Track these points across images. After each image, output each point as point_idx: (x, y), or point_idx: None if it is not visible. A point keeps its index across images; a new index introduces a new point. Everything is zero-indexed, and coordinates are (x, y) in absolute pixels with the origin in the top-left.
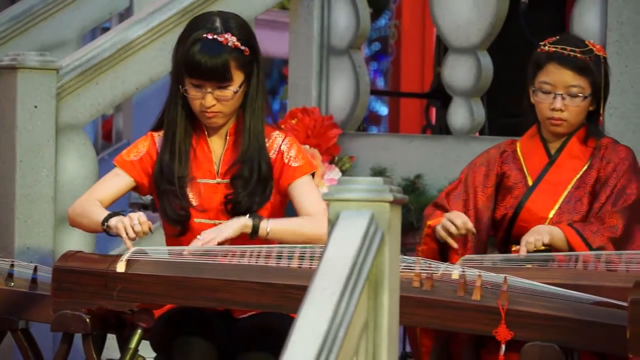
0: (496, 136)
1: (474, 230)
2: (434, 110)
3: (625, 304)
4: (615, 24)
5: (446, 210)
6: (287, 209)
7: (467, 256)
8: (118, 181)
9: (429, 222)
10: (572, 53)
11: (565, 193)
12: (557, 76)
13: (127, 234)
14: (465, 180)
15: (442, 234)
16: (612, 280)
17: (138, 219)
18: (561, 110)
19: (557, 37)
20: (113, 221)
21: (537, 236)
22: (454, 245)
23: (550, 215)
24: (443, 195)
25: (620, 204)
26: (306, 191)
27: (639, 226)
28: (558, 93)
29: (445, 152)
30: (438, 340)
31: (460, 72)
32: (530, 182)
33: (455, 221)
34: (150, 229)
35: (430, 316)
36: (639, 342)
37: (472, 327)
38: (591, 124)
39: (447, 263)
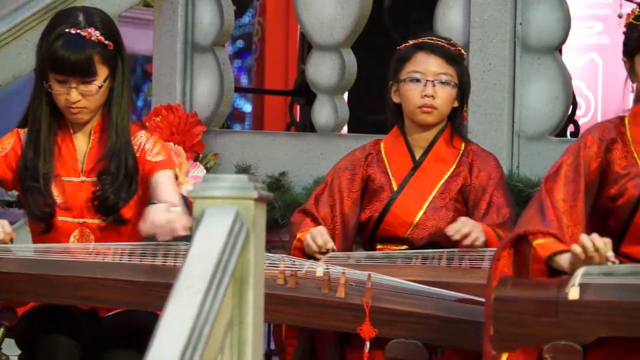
0: (361, 134)
1: (334, 248)
2: (298, 108)
3: None
4: (478, 22)
5: (315, 217)
6: None
7: (331, 253)
8: None
9: (299, 235)
10: (440, 42)
11: (431, 198)
12: (427, 64)
13: None
14: (331, 185)
15: (309, 250)
16: (475, 278)
17: (2, 227)
18: (432, 97)
19: (418, 34)
20: None
21: (474, 233)
22: (322, 258)
23: (416, 220)
24: (312, 200)
25: (501, 218)
26: (166, 185)
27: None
28: (429, 79)
29: (309, 150)
30: (302, 338)
31: (324, 70)
32: (395, 186)
33: (317, 240)
34: (12, 239)
35: (294, 313)
36: (503, 339)
37: (337, 325)
38: (455, 122)
39: (312, 260)
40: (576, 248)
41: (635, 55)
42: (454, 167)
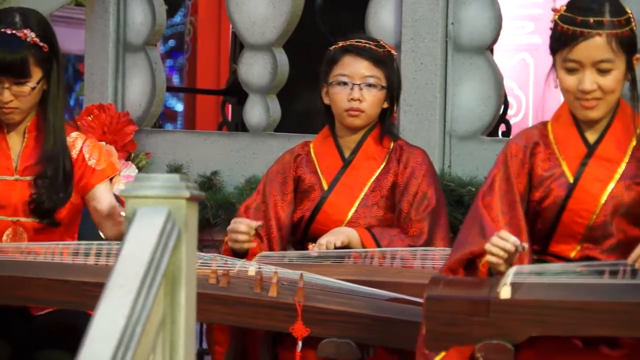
0: (292, 133)
1: (260, 224)
2: (229, 107)
3: (420, 300)
4: (410, 21)
5: None
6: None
7: (263, 253)
8: None
9: (227, 238)
10: (367, 45)
11: (362, 195)
12: (354, 67)
13: None
14: (264, 190)
15: (235, 239)
16: (407, 277)
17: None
18: (359, 100)
19: (348, 36)
20: None
21: (331, 238)
22: (251, 245)
23: (347, 218)
24: (242, 211)
25: (422, 210)
26: (109, 193)
27: (438, 230)
28: (355, 83)
29: (241, 149)
30: (234, 337)
31: (256, 69)
32: (325, 185)
33: (240, 228)
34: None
35: (226, 313)
36: (435, 338)
37: (269, 324)
38: (385, 122)
39: (244, 260)
40: (491, 258)
41: (556, 54)
42: (384, 164)
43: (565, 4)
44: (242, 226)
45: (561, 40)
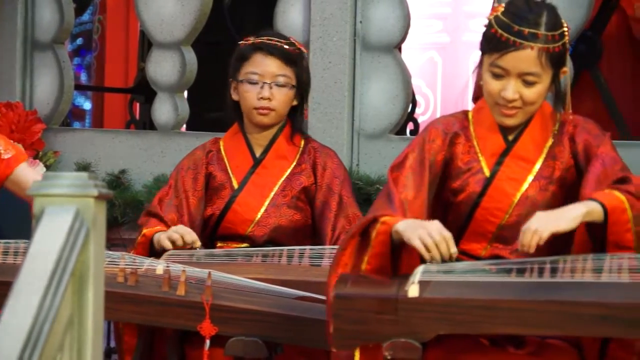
0: (201, 132)
1: (199, 244)
2: (137, 106)
3: None
4: (318, 20)
5: (160, 218)
6: None
7: (172, 251)
8: None
9: (145, 231)
10: (278, 44)
11: (272, 195)
12: (265, 66)
13: None
14: (175, 186)
15: (167, 243)
16: (316, 275)
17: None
18: (269, 99)
19: (259, 33)
20: None
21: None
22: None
23: (257, 218)
24: (156, 202)
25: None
26: (30, 176)
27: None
28: (266, 82)
29: (149, 148)
30: (142, 336)
31: (164, 67)
32: (235, 183)
33: (185, 237)
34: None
35: (134, 311)
36: (342, 336)
37: (177, 322)
38: (295, 120)
39: (152, 258)
40: (418, 245)
41: (485, 54)
42: (294, 163)
43: (504, 6)
44: (189, 237)
45: (492, 44)
